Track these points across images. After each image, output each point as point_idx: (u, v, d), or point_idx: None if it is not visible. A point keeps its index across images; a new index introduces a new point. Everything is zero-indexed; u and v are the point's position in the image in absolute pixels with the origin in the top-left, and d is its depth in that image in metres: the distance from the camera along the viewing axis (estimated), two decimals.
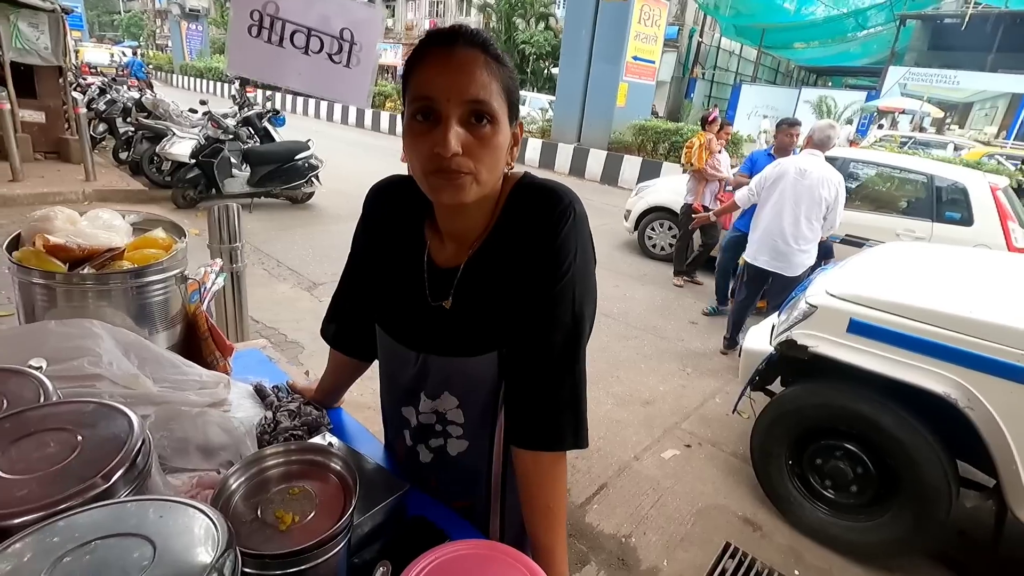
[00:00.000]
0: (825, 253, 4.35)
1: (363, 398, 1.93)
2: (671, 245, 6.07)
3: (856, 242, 4.59)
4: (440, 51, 0.69)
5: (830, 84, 25.47)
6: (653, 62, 12.40)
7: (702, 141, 5.24)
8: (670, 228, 6.25)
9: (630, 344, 4.20)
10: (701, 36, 22.93)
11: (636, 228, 6.51)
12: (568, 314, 0.78)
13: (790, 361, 2.42)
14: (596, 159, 11.45)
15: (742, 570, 2.17)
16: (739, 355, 2.96)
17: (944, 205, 4.66)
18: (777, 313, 2.89)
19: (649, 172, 10.13)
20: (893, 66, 17.36)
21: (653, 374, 3.77)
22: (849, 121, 15.88)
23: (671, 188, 6.32)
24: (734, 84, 22.47)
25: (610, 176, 11.13)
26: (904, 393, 2.09)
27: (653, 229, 6.42)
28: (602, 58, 11.58)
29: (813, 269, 3.63)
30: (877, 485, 2.25)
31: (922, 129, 15.35)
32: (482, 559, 0.67)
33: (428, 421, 0.92)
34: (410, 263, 0.87)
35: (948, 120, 17.86)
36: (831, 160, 4.20)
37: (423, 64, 0.70)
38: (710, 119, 5.46)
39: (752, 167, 4.61)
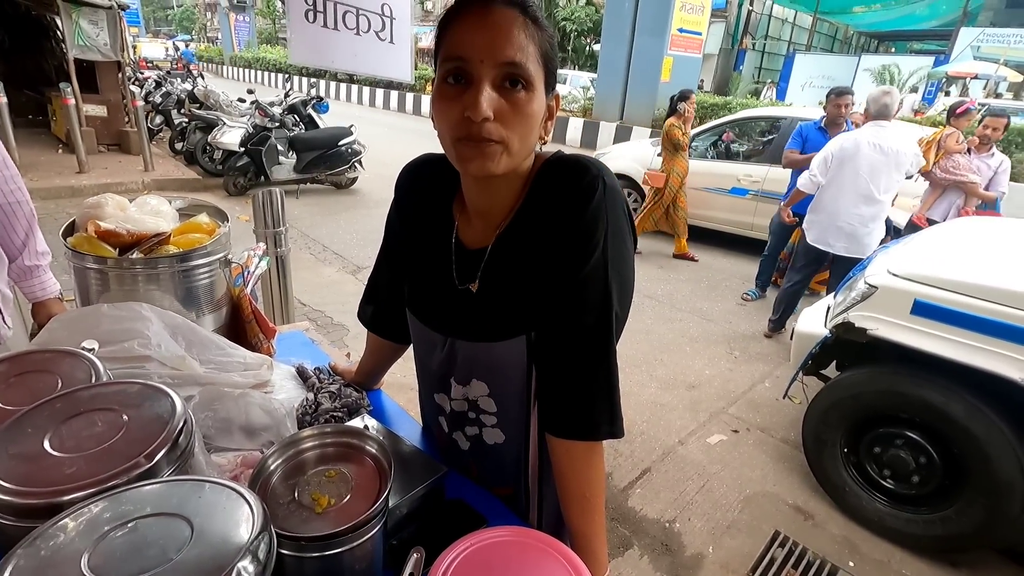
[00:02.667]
0: (887, 230, 4.10)
1: (405, 379, 1.94)
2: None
3: (772, 195, 5.11)
4: (476, 9, 0.66)
5: (893, 50, 23.85)
6: (700, 34, 11.89)
7: (938, 136, 4.26)
8: (632, 198, 5.95)
9: (675, 326, 4.09)
10: (751, 4, 21.79)
11: None
12: (599, 296, 0.73)
13: (846, 345, 2.30)
14: (640, 137, 11.16)
15: (792, 559, 2.10)
16: (791, 338, 2.83)
17: None
18: (833, 294, 2.74)
19: None
20: (965, 27, 16.06)
21: (699, 357, 3.67)
22: (914, 89, 14.84)
23: (632, 155, 6.14)
24: (787, 54, 21.32)
25: None
26: (974, 379, 1.95)
27: None
28: (646, 32, 11.19)
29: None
30: (941, 476, 2.12)
31: (997, 95, 14.21)
32: (518, 546, 0.66)
33: (461, 408, 0.90)
34: (438, 244, 0.84)
35: None
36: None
37: (457, 23, 0.66)
38: (960, 110, 4.31)
39: (804, 143, 4.28)
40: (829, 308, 2.57)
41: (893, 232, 4.08)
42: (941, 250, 2.43)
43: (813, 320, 2.65)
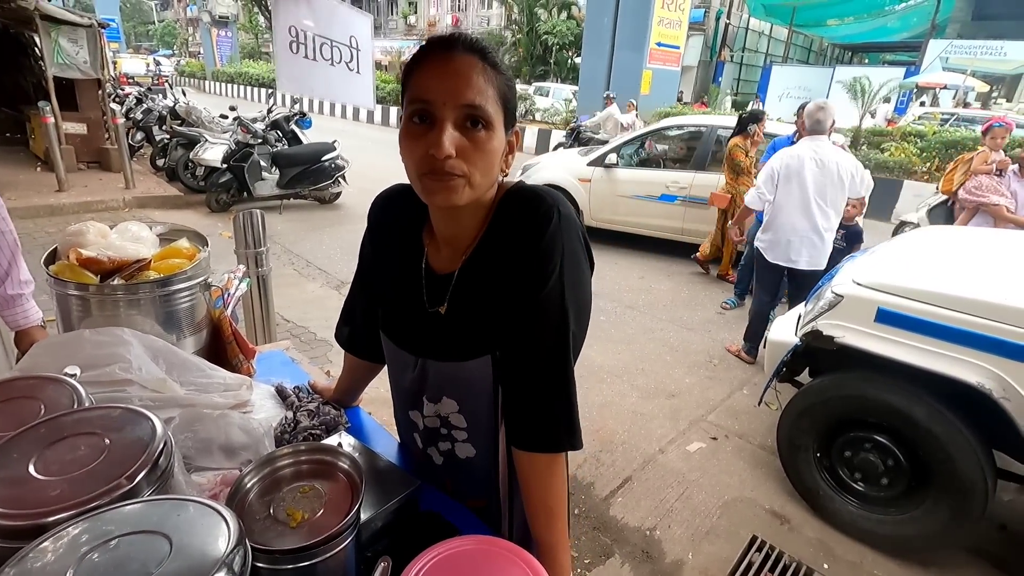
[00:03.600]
0: (854, 239, 4.21)
1: (386, 393, 1.98)
2: None
3: (700, 200, 5.43)
4: (438, 56, 0.71)
5: (867, 61, 24.52)
6: (678, 47, 12.18)
7: (969, 156, 4.12)
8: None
9: (655, 336, 4.17)
10: (728, 18, 22.32)
11: None
12: (557, 317, 0.79)
13: (817, 352, 2.37)
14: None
15: (769, 563, 2.15)
16: (763, 346, 2.91)
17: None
18: (804, 303, 2.83)
19: None
20: (934, 39, 16.59)
21: (679, 366, 3.74)
22: (886, 100, 15.23)
23: (562, 165, 6.26)
24: (764, 66, 21.83)
25: None
26: (936, 383, 2.03)
27: None
28: (625, 46, 11.44)
29: (839, 255, 3.51)
30: (909, 477, 2.20)
31: (966, 104, 14.65)
32: (483, 555, 0.70)
33: (433, 425, 0.94)
34: (409, 269, 0.89)
35: (995, 94, 16.99)
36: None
37: (422, 68, 0.72)
38: (983, 128, 4.15)
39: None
40: (800, 316, 2.65)
41: (859, 241, 4.19)
42: (904, 260, 2.53)
43: (785, 329, 2.73)
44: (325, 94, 1.54)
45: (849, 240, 4.17)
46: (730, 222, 4.33)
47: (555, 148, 12.89)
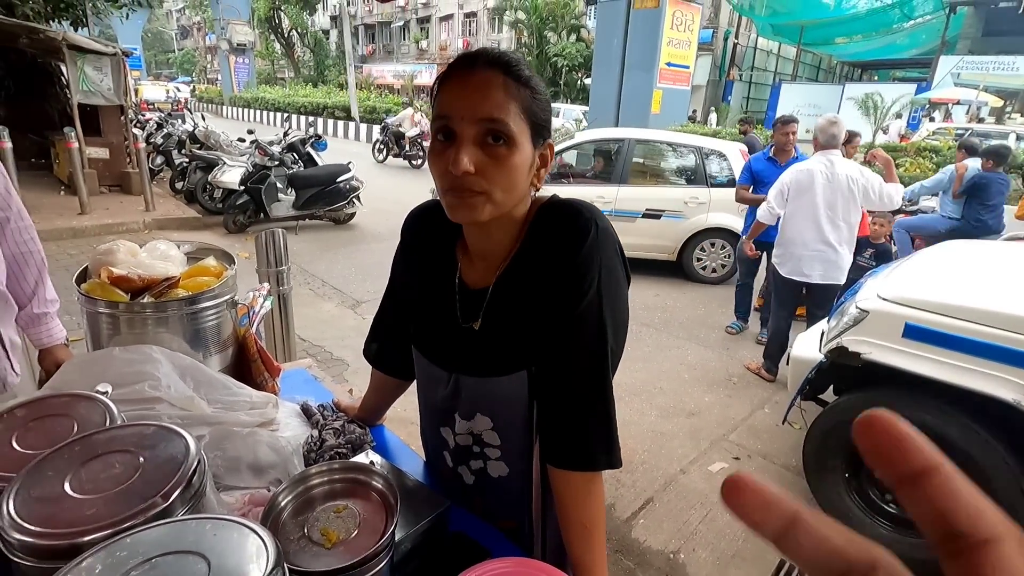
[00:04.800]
0: (884, 258, 4.14)
1: (406, 413, 1.95)
2: None
3: (654, 214, 5.57)
4: (461, 72, 0.72)
5: (876, 78, 24.51)
6: (687, 67, 12.27)
7: None
8: None
9: (672, 354, 4.12)
10: (736, 38, 22.54)
11: None
12: (595, 331, 0.78)
13: (842, 369, 2.33)
14: None
15: None
16: (787, 363, 2.85)
17: (712, 171, 5.57)
18: (827, 319, 2.78)
19: None
20: (944, 56, 16.60)
21: (697, 384, 3.68)
22: (898, 116, 15.23)
23: None
24: (773, 84, 21.92)
25: None
26: (969, 401, 1.97)
27: None
28: (635, 66, 11.54)
29: (863, 273, 3.45)
30: None
31: (980, 120, 14.56)
32: None
33: (465, 443, 0.93)
34: (442, 284, 0.89)
35: (1009, 109, 16.88)
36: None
37: (446, 85, 0.73)
38: None
39: (754, 176, 4.28)
40: (823, 333, 2.60)
41: (889, 260, 4.12)
42: (930, 274, 2.49)
43: (808, 345, 2.68)
44: None
45: (879, 259, 4.11)
46: (743, 237, 4.28)
47: (375, 143, 13.50)
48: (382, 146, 13.34)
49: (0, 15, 6.51)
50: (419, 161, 12.34)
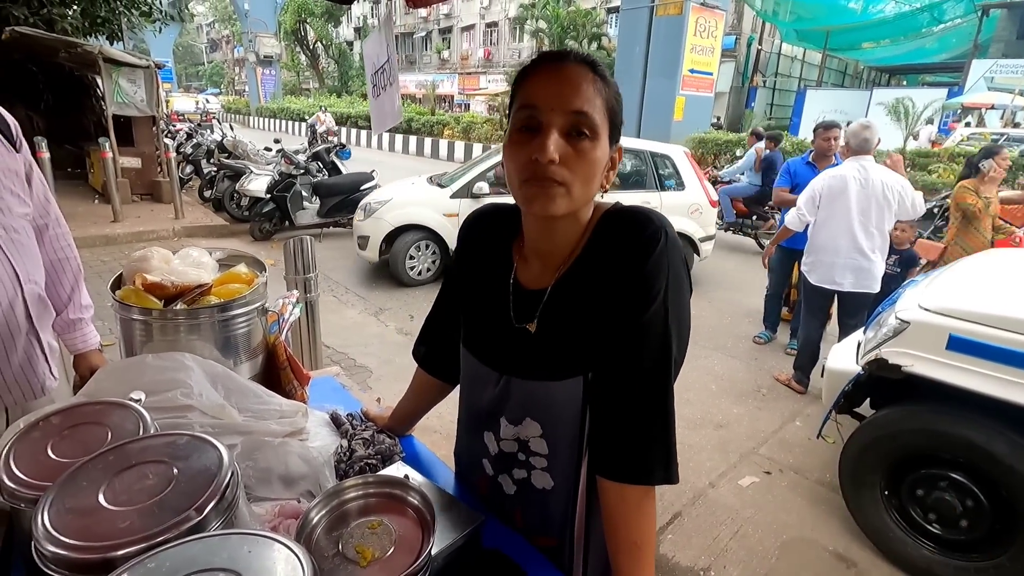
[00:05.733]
0: (909, 263, 4.03)
1: (429, 422, 1.93)
2: (435, 264, 5.52)
3: None
4: (550, 65, 0.73)
5: (905, 83, 24.03)
6: (711, 74, 12.18)
7: None
8: (431, 250, 5.48)
9: (699, 364, 4.03)
10: (760, 44, 22.28)
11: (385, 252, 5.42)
12: (659, 340, 0.75)
13: (880, 382, 2.24)
14: None
15: None
16: (821, 375, 2.77)
17: (662, 176, 5.70)
18: (863, 330, 2.69)
19: None
20: (977, 59, 16.16)
21: (725, 395, 3.60)
22: (930, 121, 14.83)
23: (421, 200, 5.48)
24: (798, 90, 21.60)
25: None
26: (1018, 416, 1.88)
27: (418, 250, 5.43)
28: (657, 73, 11.50)
29: (893, 280, 3.35)
30: (992, 520, 2.02)
31: (1015, 124, 14.13)
32: None
33: (510, 449, 0.90)
34: (497, 283, 0.88)
35: None
36: None
37: (532, 76, 0.74)
38: None
39: (792, 179, 4.22)
40: (860, 344, 2.52)
41: (913, 266, 4.01)
42: (973, 284, 2.39)
43: (844, 357, 2.60)
44: (393, 122, 1.57)
45: (904, 265, 3.99)
46: (769, 242, 4.21)
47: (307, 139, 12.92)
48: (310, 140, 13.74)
49: (40, 30, 6.75)
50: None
